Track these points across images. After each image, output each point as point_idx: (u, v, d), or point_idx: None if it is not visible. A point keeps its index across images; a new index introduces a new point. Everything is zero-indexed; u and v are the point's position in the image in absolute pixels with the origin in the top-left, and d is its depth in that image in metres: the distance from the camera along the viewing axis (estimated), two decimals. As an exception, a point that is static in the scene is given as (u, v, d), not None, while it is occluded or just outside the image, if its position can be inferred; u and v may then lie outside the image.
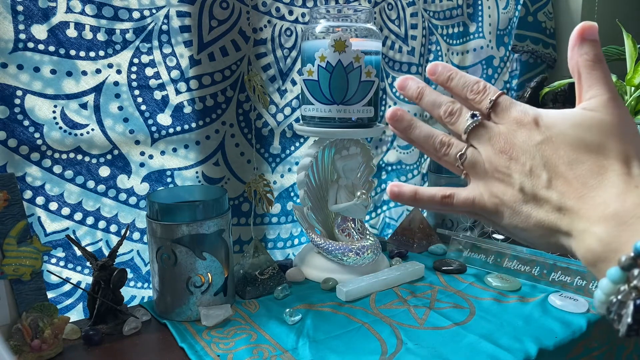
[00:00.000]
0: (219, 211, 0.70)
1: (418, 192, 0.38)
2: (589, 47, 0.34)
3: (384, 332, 0.66)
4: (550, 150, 0.33)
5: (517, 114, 0.35)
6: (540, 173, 0.33)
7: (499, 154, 0.35)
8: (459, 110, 0.37)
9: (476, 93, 0.37)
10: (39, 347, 0.59)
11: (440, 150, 0.38)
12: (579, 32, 0.34)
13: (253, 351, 0.61)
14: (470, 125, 0.36)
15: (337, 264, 0.82)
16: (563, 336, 0.65)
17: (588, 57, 0.34)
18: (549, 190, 0.33)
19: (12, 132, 0.69)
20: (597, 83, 0.34)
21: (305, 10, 0.92)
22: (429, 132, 0.38)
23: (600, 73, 0.34)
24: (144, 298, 0.84)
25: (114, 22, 0.74)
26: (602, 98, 0.33)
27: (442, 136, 0.38)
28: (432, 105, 0.39)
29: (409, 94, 0.40)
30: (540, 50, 1.25)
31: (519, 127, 0.35)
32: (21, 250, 0.62)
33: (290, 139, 0.96)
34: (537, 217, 0.34)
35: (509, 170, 0.35)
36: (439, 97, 0.38)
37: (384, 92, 1.07)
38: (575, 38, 0.34)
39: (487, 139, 0.36)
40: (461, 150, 0.37)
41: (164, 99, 0.81)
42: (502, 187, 0.35)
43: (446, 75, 0.38)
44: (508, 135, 0.35)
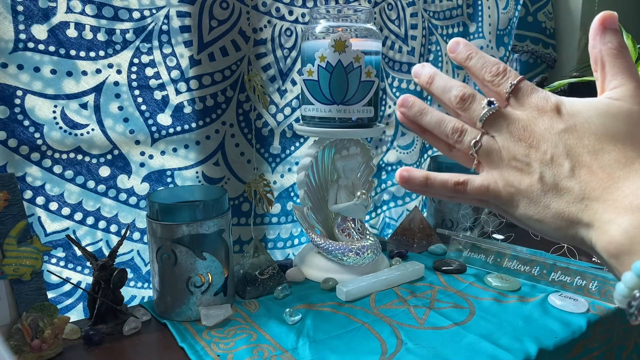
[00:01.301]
0: (219, 211, 0.70)
1: (430, 177, 0.36)
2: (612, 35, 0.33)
3: (384, 332, 0.66)
4: (573, 139, 0.32)
5: (538, 101, 0.34)
6: (563, 162, 0.32)
7: (517, 141, 0.34)
8: (472, 96, 0.36)
9: (495, 75, 0.35)
10: (39, 347, 0.59)
11: (453, 137, 0.36)
12: (601, 21, 0.33)
13: (253, 351, 0.61)
14: (487, 112, 0.35)
15: (337, 264, 0.82)
16: (563, 336, 0.65)
17: (612, 46, 0.33)
18: (572, 179, 0.32)
19: (12, 132, 0.69)
20: (622, 72, 0.33)
21: (305, 10, 0.92)
22: (441, 118, 0.37)
23: (624, 62, 0.33)
24: (144, 298, 0.84)
25: (114, 22, 0.74)
26: (628, 87, 0.33)
27: (455, 122, 0.36)
28: (443, 90, 0.37)
29: (422, 79, 0.38)
30: (540, 50, 1.25)
31: (540, 114, 0.33)
32: (21, 250, 0.62)
33: (290, 139, 0.96)
34: (557, 207, 0.32)
35: (527, 158, 0.33)
36: (450, 81, 0.37)
37: (384, 92, 1.07)
38: (597, 27, 0.33)
39: (505, 126, 0.34)
40: (475, 138, 0.35)
41: (164, 99, 0.81)
42: (519, 175, 0.34)
43: (465, 53, 0.37)
44: (528, 122, 0.34)
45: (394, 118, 1.11)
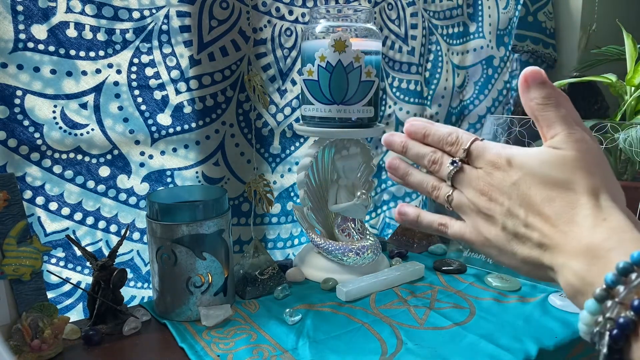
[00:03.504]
0: (219, 211, 0.70)
1: (420, 216, 0.43)
2: (536, 91, 0.36)
3: (384, 332, 0.66)
4: (524, 189, 0.35)
5: (491, 157, 0.37)
6: (518, 212, 0.35)
7: (479, 195, 0.37)
8: (440, 159, 0.40)
9: (450, 145, 0.40)
10: (39, 347, 0.59)
11: (432, 193, 0.41)
12: (524, 79, 0.36)
13: (253, 351, 0.61)
14: (451, 172, 0.39)
15: (337, 264, 0.82)
16: (563, 336, 0.65)
17: (538, 101, 0.36)
18: (528, 227, 0.35)
19: (12, 132, 0.69)
20: (554, 122, 0.35)
21: (305, 10, 0.92)
22: (422, 178, 0.42)
23: (554, 112, 0.35)
24: (144, 298, 0.84)
25: (114, 22, 0.74)
26: (562, 135, 0.35)
27: (433, 181, 0.41)
28: (417, 157, 0.42)
29: (395, 148, 0.43)
30: (540, 50, 1.25)
31: (494, 169, 0.37)
32: (21, 250, 0.62)
33: (290, 139, 0.96)
34: (522, 254, 0.36)
35: (490, 211, 0.37)
36: (422, 148, 0.42)
37: (384, 92, 1.07)
38: (521, 87, 0.36)
39: (468, 182, 0.38)
40: (448, 193, 0.40)
41: (164, 99, 0.81)
42: (487, 226, 0.37)
43: (421, 133, 0.41)
44: (485, 177, 0.37)
45: (394, 118, 1.11)
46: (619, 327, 0.28)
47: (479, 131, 1.23)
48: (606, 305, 0.29)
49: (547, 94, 0.35)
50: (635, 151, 0.79)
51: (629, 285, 0.28)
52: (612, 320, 0.28)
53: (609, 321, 0.28)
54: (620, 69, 1.01)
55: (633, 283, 0.28)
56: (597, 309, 0.29)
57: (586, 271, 0.31)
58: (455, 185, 0.40)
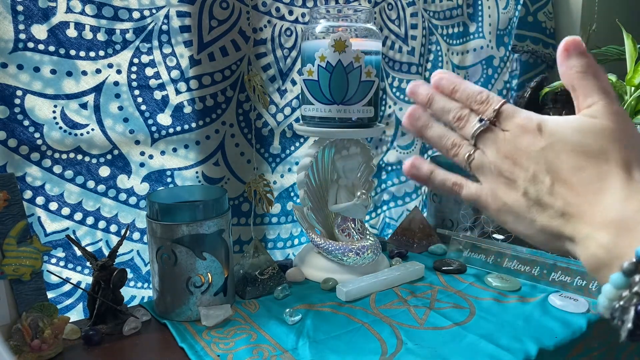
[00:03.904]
0: (219, 211, 0.70)
1: (434, 172, 0.40)
2: (576, 59, 0.35)
3: (384, 332, 0.66)
4: (553, 156, 0.34)
5: (521, 121, 0.36)
6: (544, 178, 0.34)
7: (503, 158, 0.36)
8: (467, 116, 0.38)
9: (480, 103, 0.38)
10: (39, 347, 0.59)
11: (451, 151, 0.39)
12: (564, 47, 0.35)
13: (253, 351, 0.61)
14: (477, 129, 0.37)
15: (337, 264, 0.82)
16: (563, 336, 0.65)
17: (578, 69, 0.35)
18: (552, 195, 0.34)
19: (12, 132, 0.69)
20: (593, 91, 0.34)
21: (305, 10, 0.92)
22: (442, 133, 0.40)
23: (593, 81, 0.34)
24: (144, 298, 0.84)
25: (114, 22, 0.74)
26: (600, 104, 0.34)
27: (454, 137, 0.39)
28: (442, 111, 0.40)
29: (419, 99, 0.41)
30: (540, 50, 1.25)
31: (523, 133, 0.35)
32: (21, 250, 0.62)
33: (290, 139, 0.96)
34: (541, 222, 0.34)
35: (513, 175, 0.35)
36: (448, 102, 0.39)
37: (384, 92, 1.07)
38: (561, 54, 0.35)
39: (493, 142, 0.37)
40: (469, 152, 0.38)
41: (164, 99, 0.81)
42: (506, 190, 0.36)
43: (449, 88, 0.39)
44: (513, 140, 0.36)
45: (394, 118, 1.10)
46: None
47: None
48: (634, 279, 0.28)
49: (588, 62, 0.34)
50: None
51: None
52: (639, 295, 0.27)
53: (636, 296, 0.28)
54: (620, 69, 1.01)
55: None
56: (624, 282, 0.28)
57: (614, 243, 0.30)
58: (479, 145, 0.38)
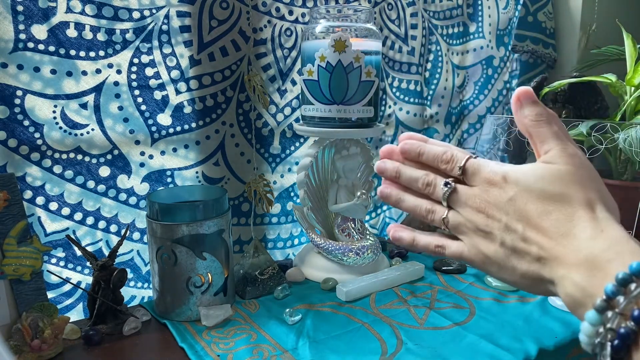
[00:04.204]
0: (219, 211, 0.70)
1: (415, 239, 0.43)
2: (529, 108, 0.37)
3: (384, 332, 0.66)
4: (520, 204, 0.36)
5: (486, 175, 0.38)
6: (516, 227, 0.36)
7: (477, 213, 0.38)
8: (433, 181, 0.41)
9: (446, 163, 0.40)
10: (39, 347, 0.59)
11: (427, 217, 0.42)
12: (516, 98, 0.37)
13: (253, 351, 0.61)
14: (445, 193, 0.39)
15: (337, 264, 0.82)
16: (563, 336, 0.65)
17: (532, 118, 0.37)
18: (526, 242, 0.35)
19: (12, 132, 0.69)
20: (547, 138, 0.36)
21: (305, 10, 0.92)
22: (414, 204, 0.42)
23: (547, 128, 0.37)
24: (144, 298, 0.84)
25: (114, 22, 0.74)
26: (555, 150, 0.36)
27: (426, 204, 0.42)
28: (410, 180, 0.42)
29: (387, 175, 0.44)
30: (540, 50, 1.25)
31: (490, 186, 0.37)
32: (21, 250, 0.62)
33: (290, 139, 0.96)
34: (522, 269, 0.36)
35: (488, 227, 0.37)
36: (414, 172, 0.42)
37: (384, 92, 1.07)
38: (514, 105, 0.38)
39: (464, 201, 0.39)
40: (443, 215, 0.40)
41: (164, 99, 0.81)
42: (485, 243, 0.38)
43: (415, 152, 0.42)
44: (482, 194, 0.38)
45: (394, 118, 1.11)
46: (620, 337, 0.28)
47: (478, 131, 1.23)
48: (607, 316, 0.29)
49: (539, 111, 0.37)
50: (635, 151, 0.79)
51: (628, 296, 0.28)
52: (613, 330, 0.29)
53: (610, 332, 0.29)
54: (620, 69, 1.01)
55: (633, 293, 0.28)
56: (598, 319, 0.30)
57: (586, 282, 0.31)
58: (451, 205, 0.40)
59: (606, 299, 0.29)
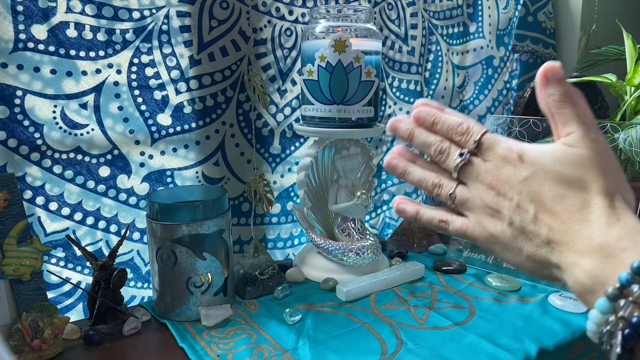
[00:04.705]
0: (219, 211, 0.70)
1: (419, 212, 0.41)
2: (555, 87, 0.35)
3: (384, 332, 0.66)
4: (535, 185, 0.34)
5: (502, 151, 0.36)
6: (528, 207, 0.35)
7: (487, 190, 0.36)
8: (447, 149, 0.39)
9: (461, 135, 0.38)
10: (39, 347, 0.59)
11: (433, 191, 0.40)
12: (543, 75, 0.35)
13: (253, 351, 0.61)
14: (458, 163, 0.38)
15: (337, 264, 0.82)
16: (563, 336, 0.65)
17: (556, 97, 0.35)
18: (537, 224, 0.34)
19: (12, 132, 0.69)
20: (571, 120, 0.35)
21: (305, 10, 0.92)
22: (421, 176, 0.41)
23: (571, 110, 0.35)
24: (144, 298, 0.84)
25: (114, 22, 0.74)
26: (577, 133, 0.34)
27: (433, 178, 0.40)
28: (423, 145, 0.40)
29: (400, 135, 0.41)
30: (540, 50, 1.25)
31: (504, 164, 0.36)
32: (21, 250, 0.62)
33: (290, 139, 0.96)
34: (528, 251, 0.35)
35: (497, 205, 0.36)
36: (429, 137, 0.40)
37: (384, 92, 1.07)
38: (540, 81, 0.35)
39: (476, 175, 0.37)
40: (451, 190, 0.39)
41: (164, 99, 0.81)
42: (492, 221, 0.37)
43: (430, 121, 0.40)
44: (495, 171, 0.36)
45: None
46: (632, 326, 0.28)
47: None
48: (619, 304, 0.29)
49: (566, 91, 0.35)
50: (635, 151, 0.79)
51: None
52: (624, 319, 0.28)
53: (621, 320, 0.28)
54: (620, 69, 1.01)
55: None
56: (609, 307, 0.29)
57: (598, 270, 0.31)
58: (462, 177, 0.38)
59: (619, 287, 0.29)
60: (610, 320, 0.29)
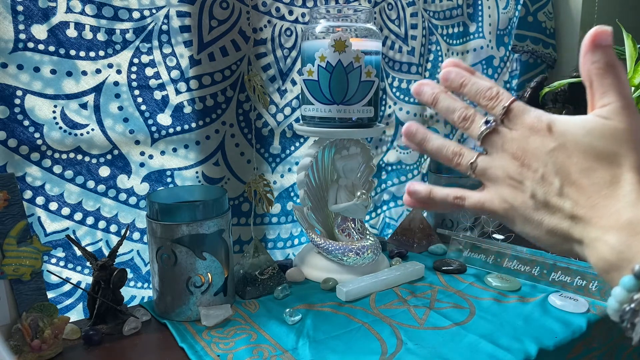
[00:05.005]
0: (219, 211, 0.70)
1: (432, 190, 0.39)
2: (601, 54, 0.33)
3: (384, 332, 0.66)
4: (563, 157, 0.33)
5: (530, 120, 0.35)
6: (553, 180, 0.33)
7: (511, 160, 0.35)
8: (472, 116, 0.37)
9: (489, 99, 0.37)
10: (39, 347, 0.59)
11: (453, 160, 0.38)
12: (592, 39, 0.33)
13: (253, 351, 0.61)
14: (484, 131, 0.36)
15: (337, 264, 0.82)
16: (563, 336, 0.65)
17: (599, 65, 0.33)
18: (561, 197, 0.33)
19: (12, 132, 0.69)
20: (610, 90, 0.33)
21: (305, 10, 0.92)
22: (442, 144, 0.39)
23: (612, 80, 0.33)
24: (144, 298, 0.84)
25: (114, 22, 0.74)
26: (615, 105, 0.33)
27: (454, 146, 0.38)
28: (447, 111, 0.39)
29: (424, 99, 0.40)
30: (540, 50, 1.25)
31: (532, 134, 0.34)
32: (21, 250, 0.62)
33: (290, 139, 0.96)
34: (549, 224, 0.34)
35: (520, 176, 0.34)
36: (454, 102, 0.38)
37: (384, 92, 1.07)
38: (587, 45, 0.33)
39: (500, 145, 0.36)
40: (472, 159, 0.37)
41: (164, 99, 0.81)
42: (513, 192, 0.35)
43: (458, 82, 0.38)
44: (521, 141, 0.35)
45: (394, 118, 1.10)
46: None
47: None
48: None
49: (611, 60, 0.33)
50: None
51: None
52: None
53: None
54: (620, 69, 1.00)
55: None
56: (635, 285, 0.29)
57: (625, 246, 0.30)
58: (485, 146, 0.37)
59: None
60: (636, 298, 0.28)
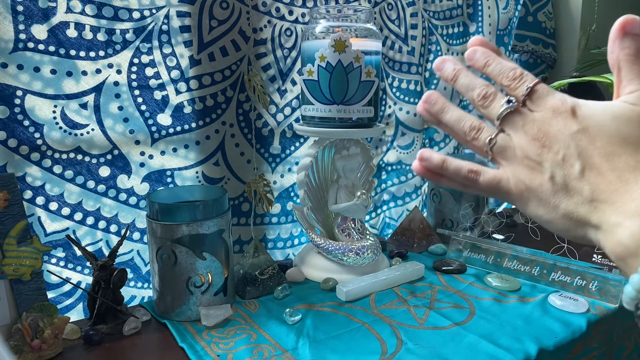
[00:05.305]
0: (219, 211, 0.70)
1: (446, 160, 0.37)
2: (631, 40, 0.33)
3: (384, 332, 0.66)
4: (586, 141, 0.32)
5: (554, 102, 0.34)
6: (574, 163, 0.33)
7: (531, 141, 0.34)
8: (493, 94, 0.37)
9: (512, 79, 0.36)
10: (39, 347, 0.59)
11: (470, 134, 0.37)
12: (621, 26, 0.33)
13: (253, 351, 0.61)
14: (505, 110, 0.35)
15: (337, 264, 0.82)
16: (563, 336, 0.65)
17: (629, 51, 0.33)
18: (582, 181, 0.32)
19: (12, 132, 0.69)
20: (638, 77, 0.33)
21: (305, 10, 0.92)
22: (460, 115, 0.38)
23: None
24: (144, 298, 0.84)
25: (114, 22, 0.74)
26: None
27: (473, 120, 0.37)
28: (467, 88, 0.38)
29: (445, 75, 0.39)
30: (540, 50, 1.25)
31: (555, 116, 0.34)
32: (21, 250, 0.62)
33: (290, 139, 0.96)
34: (566, 208, 0.33)
35: (540, 157, 0.34)
36: (474, 80, 0.38)
37: (384, 92, 1.07)
38: (616, 31, 0.33)
39: (521, 125, 0.35)
40: (491, 135, 0.36)
41: (164, 99, 0.81)
42: (530, 174, 0.34)
43: (483, 61, 0.38)
44: (543, 123, 0.34)
45: (394, 118, 1.11)
46: None
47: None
48: None
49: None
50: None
51: None
52: None
53: None
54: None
55: None
56: None
57: None
58: (504, 126, 0.36)
59: None
60: None
